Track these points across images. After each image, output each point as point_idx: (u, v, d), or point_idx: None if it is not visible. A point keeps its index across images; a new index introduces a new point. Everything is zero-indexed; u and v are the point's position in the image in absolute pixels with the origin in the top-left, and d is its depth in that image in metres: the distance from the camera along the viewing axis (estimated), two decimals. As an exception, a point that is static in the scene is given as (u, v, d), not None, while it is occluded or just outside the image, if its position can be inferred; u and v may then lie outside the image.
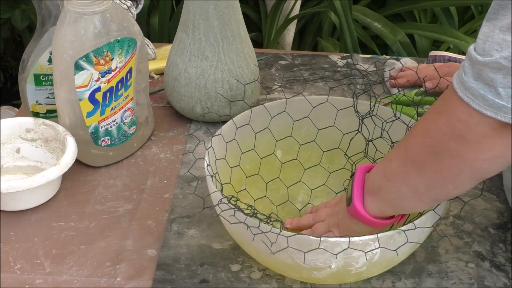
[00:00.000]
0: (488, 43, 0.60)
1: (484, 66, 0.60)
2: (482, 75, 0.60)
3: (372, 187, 0.76)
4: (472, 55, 0.61)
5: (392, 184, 0.73)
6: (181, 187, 0.99)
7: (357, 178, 0.78)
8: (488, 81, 0.60)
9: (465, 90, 0.62)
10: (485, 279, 0.84)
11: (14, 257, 0.88)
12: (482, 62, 0.60)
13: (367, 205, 0.76)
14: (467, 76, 0.62)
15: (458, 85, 0.63)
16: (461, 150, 0.64)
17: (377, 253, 0.73)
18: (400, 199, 0.73)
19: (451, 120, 0.64)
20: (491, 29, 0.60)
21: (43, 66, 1.05)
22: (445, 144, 0.65)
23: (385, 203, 0.75)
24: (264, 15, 2.17)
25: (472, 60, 0.61)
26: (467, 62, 0.62)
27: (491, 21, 0.60)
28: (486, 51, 0.60)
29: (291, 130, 0.95)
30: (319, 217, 0.86)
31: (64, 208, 0.96)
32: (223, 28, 1.07)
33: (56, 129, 0.99)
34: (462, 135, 0.63)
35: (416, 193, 0.71)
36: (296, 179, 0.97)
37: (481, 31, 0.61)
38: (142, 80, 1.07)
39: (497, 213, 0.95)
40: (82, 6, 0.93)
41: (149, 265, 0.86)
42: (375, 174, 0.76)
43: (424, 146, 0.67)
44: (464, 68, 0.62)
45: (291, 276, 0.82)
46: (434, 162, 0.67)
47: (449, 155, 0.65)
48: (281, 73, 1.28)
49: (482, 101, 0.60)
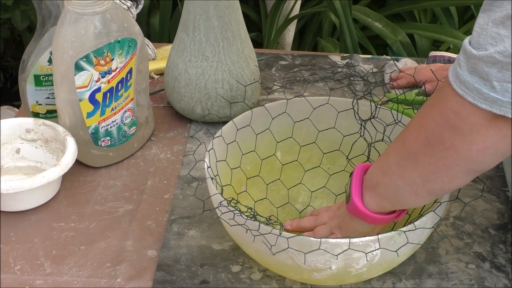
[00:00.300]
0: (483, 37, 0.60)
1: (479, 60, 0.60)
2: (477, 69, 0.60)
3: (370, 183, 0.76)
4: (467, 48, 0.61)
5: (389, 179, 0.73)
6: (181, 188, 0.99)
7: (355, 176, 0.78)
8: (483, 75, 0.60)
9: (460, 84, 0.62)
10: (485, 280, 0.84)
11: (14, 258, 0.88)
12: (477, 56, 0.60)
13: (366, 201, 0.76)
14: (461, 69, 0.62)
15: (453, 78, 0.63)
16: (454, 141, 0.64)
17: (378, 254, 0.73)
18: (398, 193, 0.74)
19: (445, 111, 0.64)
20: (486, 21, 0.60)
21: (43, 67, 1.05)
22: (438, 134, 0.66)
23: (383, 198, 0.75)
24: (264, 15, 2.17)
25: (467, 53, 0.61)
26: (462, 55, 0.62)
27: (486, 12, 0.60)
28: (481, 44, 0.60)
29: (292, 131, 0.95)
30: (321, 220, 0.86)
31: (64, 208, 0.96)
32: (223, 29, 1.07)
33: (56, 129, 0.99)
34: (454, 125, 0.64)
35: (412, 186, 0.71)
36: (296, 180, 0.97)
37: (476, 23, 0.61)
38: (142, 81, 1.07)
39: (498, 214, 0.95)
40: (83, 7, 0.93)
41: (149, 266, 0.86)
42: (373, 170, 0.77)
43: (419, 137, 0.68)
44: (459, 62, 0.62)
45: (292, 277, 0.82)
46: (429, 153, 0.68)
47: (442, 146, 0.66)
48: (281, 73, 1.28)
49: (477, 94, 0.61)
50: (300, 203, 0.97)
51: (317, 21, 2.15)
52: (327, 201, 0.97)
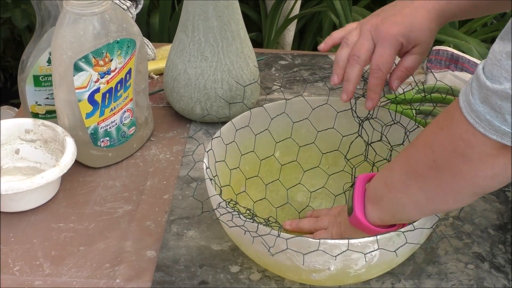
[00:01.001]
0: (497, 68, 0.59)
1: (492, 93, 0.59)
2: (489, 100, 0.59)
3: (373, 196, 0.76)
4: (480, 78, 0.60)
5: (393, 195, 0.73)
6: (180, 188, 0.99)
7: (357, 188, 0.78)
8: (495, 107, 0.59)
9: (471, 112, 0.61)
10: (484, 281, 0.84)
11: (13, 259, 0.88)
12: (491, 88, 0.59)
13: (368, 214, 0.76)
14: (474, 97, 0.61)
15: (464, 104, 0.62)
16: (463, 167, 0.64)
17: (376, 255, 0.73)
18: (401, 209, 0.74)
19: (454, 138, 0.64)
20: (500, 50, 0.59)
21: (42, 67, 1.05)
22: (447, 160, 0.65)
23: (386, 212, 0.75)
24: (264, 15, 2.17)
25: (480, 82, 0.60)
26: (475, 82, 0.61)
27: (503, 41, 0.59)
28: (495, 76, 0.59)
29: (291, 131, 0.95)
30: (321, 224, 0.86)
31: (63, 209, 0.96)
32: (222, 29, 1.06)
33: (55, 130, 0.99)
34: (464, 153, 0.63)
35: (416, 204, 0.71)
36: (295, 180, 0.97)
37: (492, 49, 0.60)
38: (142, 81, 1.07)
39: (497, 214, 0.94)
40: (81, 7, 0.93)
41: (148, 267, 0.86)
42: (377, 183, 0.76)
43: (427, 159, 0.68)
44: (472, 89, 0.61)
45: (290, 278, 0.82)
46: (436, 176, 0.67)
47: (450, 170, 0.65)
48: (281, 73, 1.28)
49: (488, 125, 0.60)
50: (299, 203, 0.97)
51: (317, 21, 2.15)
52: (326, 201, 0.97)
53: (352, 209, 0.77)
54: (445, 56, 1.26)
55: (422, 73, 1.25)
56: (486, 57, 0.61)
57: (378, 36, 0.84)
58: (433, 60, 1.26)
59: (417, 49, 0.86)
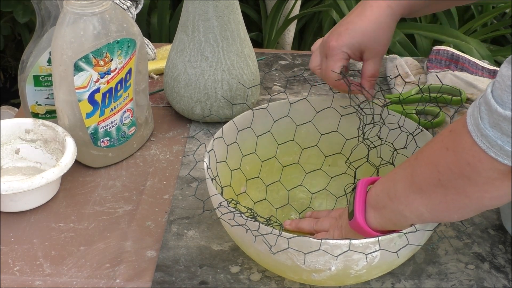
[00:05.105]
0: (506, 94, 0.58)
1: (503, 119, 0.58)
2: (500, 125, 0.59)
3: (375, 203, 0.76)
4: (490, 102, 0.59)
5: (396, 206, 0.73)
6: (180, 188, 0.99)
7: (359, 192, 0.77)
8: (506, 132, 0.59)
9: (481, 137, 0.60)
10: (484, 281, 0.84)
11: (13, 259, 0.88)
12: (502, 115, 0.58)
13: (369, 219, 0.76)
14: (483, 122, 0.60)
15: (473, 128, 0.61)
16: (468, 188, 0.64)
17: (377, 256, 0.73)
18: (403, 220, 0.73)
19: (460, 161, 0.63)
20: (508, 75, 0.58)
21: (42, 67, 1.05)
22: (452, 180, 0.65)
23: (387, 220, 0.75)
24: (264, 15, 2.17)
25: (491, 107, 0.59)
26: (484, 106, 0.60)
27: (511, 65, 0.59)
28: (505, 102, 0.58)
29: (294, 132, 0.94)
30: (321, 226, 0.86)
31: (63, 209, 0.96)
32: (222, 29, 1.06)
33: (55, 130, 0.99)
34: (470, 177, 0.63)
35: (419, 217, 0.71)
36: (296, 180, 0.97)
37: (500, 72, 0.59)
38: (142, 81, 1.07)
39: (497, 214, 0.94)
40: (81, 7, 0.93)
41: (148, 267, 0.86)
42: (379, 192, 0.75)
43: (432, 178, 0.67)
44: (481, 113, 0.60)
45: (291, 278, 0.82)
46: (441, 194, 0.67)
47: (456, 190, 0.65)
48: (281, 73, 1.28)
49: (500, 150, 0.60)
50: (299, 204, 0.97)
51: (317, 21, 2.15)
52: (326, 201, 0.96)
53: (353, 214, 0.76)
54: (445, 56, 1.26)
55: (422, 73, 1.25)
56: (494, 80, 0.60)
57: (324, 50, 0.88)
58: (433, 60, 1.26)
59: (367, 55, 0.88)
